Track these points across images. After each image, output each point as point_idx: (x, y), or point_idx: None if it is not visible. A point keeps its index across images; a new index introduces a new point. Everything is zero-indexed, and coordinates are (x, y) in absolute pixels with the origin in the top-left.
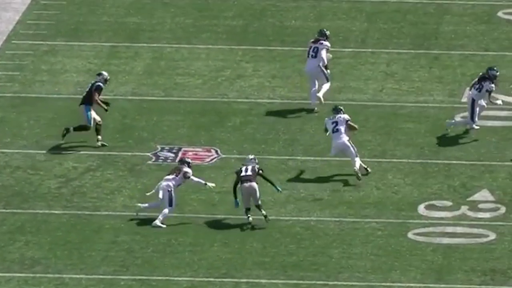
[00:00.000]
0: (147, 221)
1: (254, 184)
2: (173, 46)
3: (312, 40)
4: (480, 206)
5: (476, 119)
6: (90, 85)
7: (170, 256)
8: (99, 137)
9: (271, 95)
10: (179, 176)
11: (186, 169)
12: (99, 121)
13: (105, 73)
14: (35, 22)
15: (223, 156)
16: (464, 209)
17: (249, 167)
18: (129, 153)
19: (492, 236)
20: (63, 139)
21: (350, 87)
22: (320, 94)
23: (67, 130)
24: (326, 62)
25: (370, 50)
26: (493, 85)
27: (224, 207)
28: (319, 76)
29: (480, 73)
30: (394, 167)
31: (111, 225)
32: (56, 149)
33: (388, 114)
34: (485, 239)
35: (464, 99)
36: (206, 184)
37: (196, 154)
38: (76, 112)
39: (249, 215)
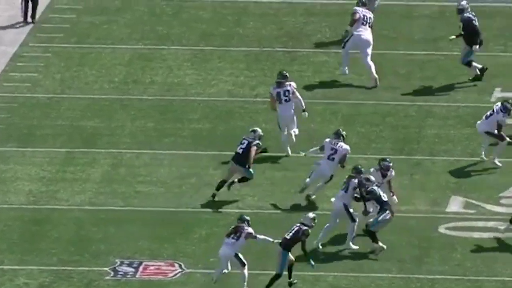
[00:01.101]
0: None
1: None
2: (133, 152)
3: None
4: None
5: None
6: (246, 142)
7: None
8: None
9: (240, 205)
10: (240, 238)
11: (248, 229)
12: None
13: (259, 129)
14: None
15: (188, 270)
16: None
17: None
18: (85, 268)
19: None
20: (228, 189)
21: (326, 195)
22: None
23: (231, 183)
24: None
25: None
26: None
27: None
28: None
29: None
30: (373, 283)
31: None
32: (6, 264)
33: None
34: None
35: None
36: (273, 241)
37: (158, 269)
38: (30, 222)
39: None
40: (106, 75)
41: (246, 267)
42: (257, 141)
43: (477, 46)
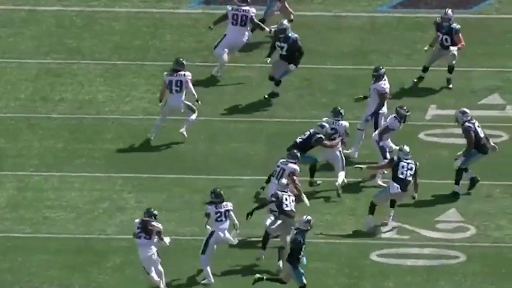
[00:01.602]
0: None
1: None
2: (41, 174)
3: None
4: None
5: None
6: (308, 133)
7: None
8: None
9: None
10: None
11: (157, 226)
12: None
13: (326, 124)
14: None
15: None
16: None
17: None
18: None
19: None
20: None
21: (249, 221)
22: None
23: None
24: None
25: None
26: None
27: None
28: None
29: None
30: None
31: None
32: None
33: None
34: None
35: None
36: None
37: None
38: None
39: None
40: (12, 92)
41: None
42: (321, 136)
43: (294, 66)
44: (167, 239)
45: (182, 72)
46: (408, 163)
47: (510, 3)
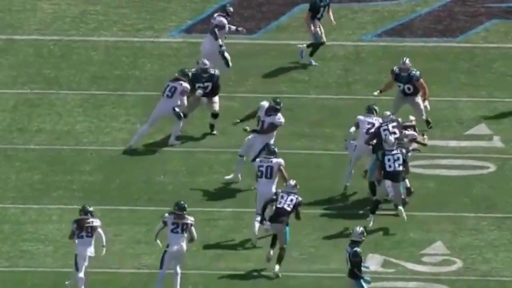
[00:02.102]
0: None
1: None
2: (18, 207)
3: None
4: None
5: None
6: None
7: None
8: None
9: (136, 264)
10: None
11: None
12: None
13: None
14: None
15: None
16: None
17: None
18: None
19: None
20: None
21: (230, 253)
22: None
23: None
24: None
25: (253, 209)
26: None
27: None
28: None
29: None
30: None
31: None
32: None
33: (275, 285)
34: None
35: None
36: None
37: None
38: None
39: None
40: None
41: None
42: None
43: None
44: (103, 235)
45: (181, 82)
46: (393, 154)
47: (497, 32)
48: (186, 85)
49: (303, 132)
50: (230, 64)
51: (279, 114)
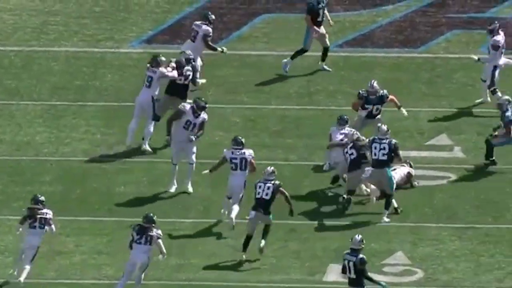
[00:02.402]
0: None
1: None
2: None
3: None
4: None
5: None
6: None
7: None
8: None
9: (97, 275)
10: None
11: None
12: None
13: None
14: None
15: None
16: None
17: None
18: None
19: None
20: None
21: (191, 264)
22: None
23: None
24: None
25: (213, 219)
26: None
27: None
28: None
29: None
30: None
31: None
32: None
33: None
34: None
35: None
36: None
37: None
38: None
39: None
40: None
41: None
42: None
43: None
44: (53, 227)
45: (156, 69)
46: (381, 143)
47: (458, 42)
48: (162, 69)
49: (264, 143)
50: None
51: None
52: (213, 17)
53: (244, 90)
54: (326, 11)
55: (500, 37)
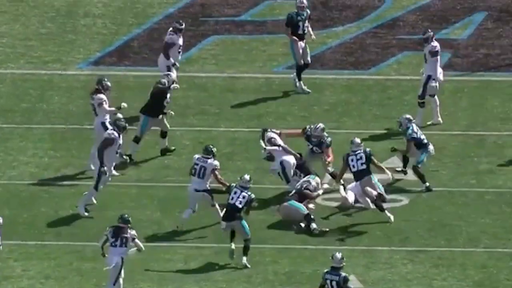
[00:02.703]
0: None
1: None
2: None
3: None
4: None
5: None
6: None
7: None
8: None
9: None
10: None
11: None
12: None
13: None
14: None
15: None
16: None
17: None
18: None
19: None
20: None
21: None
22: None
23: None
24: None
25: (161, 244)
26: None
27: None
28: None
29: None
30: None
31: None
32: None
33: None
34: None
35: None
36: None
37: None
38: None
39: None
40: None
41: None
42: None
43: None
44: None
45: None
46: (356, 154)
47: (409, 64)
48: (101, 96)
49: None
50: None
51: None
52: (180, 26)
53: (193, 112)
54: (308, 24)
55: (437, 44)
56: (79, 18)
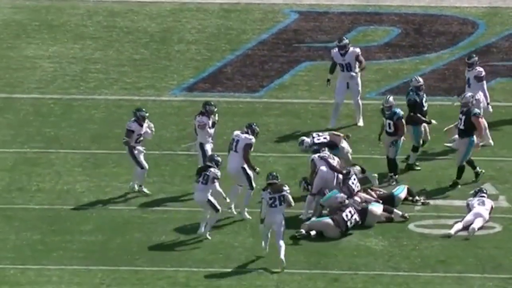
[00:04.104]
0: None
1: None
2: (17, 267)
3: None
4: None
5: None
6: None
7: None
8: None
9: None
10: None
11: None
12: None
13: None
14: None
15: None
16: None
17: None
18: None
19: None
20: None
21: None
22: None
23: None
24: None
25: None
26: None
27: None
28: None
29: None
30: None
31: None
32: None
33: None
34: None
35: None
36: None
37: None
38: None
39: None
40: None
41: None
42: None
43: None
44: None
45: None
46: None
47: (502, 90)
48: (203, 118)
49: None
50: None
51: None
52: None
53: (286, 138)
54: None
55: (482, 69)
56: (173, 44)
